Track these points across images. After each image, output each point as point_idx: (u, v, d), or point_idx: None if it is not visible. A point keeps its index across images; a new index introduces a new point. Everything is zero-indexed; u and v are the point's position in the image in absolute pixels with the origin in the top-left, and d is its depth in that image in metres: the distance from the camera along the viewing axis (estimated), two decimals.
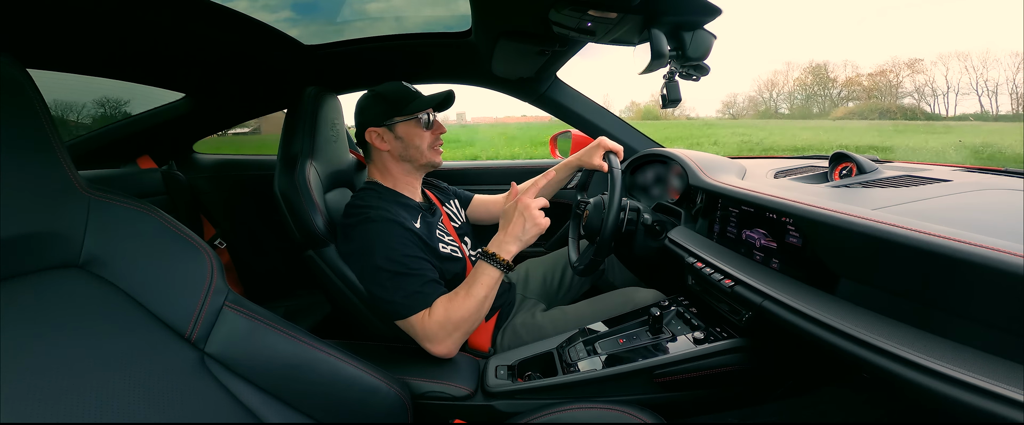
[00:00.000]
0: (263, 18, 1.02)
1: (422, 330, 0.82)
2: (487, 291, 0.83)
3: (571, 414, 0.71)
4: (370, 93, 1.00)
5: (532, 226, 0.83)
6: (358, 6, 1.15)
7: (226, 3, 0.91)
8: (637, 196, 1.41)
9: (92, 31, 0.91)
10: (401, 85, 0.99)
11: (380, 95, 0.98)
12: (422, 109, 0.97)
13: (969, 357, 0.45)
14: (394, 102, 0.96)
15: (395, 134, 0.97)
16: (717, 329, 0.85)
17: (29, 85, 0.48)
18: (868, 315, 0.56)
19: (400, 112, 0.96)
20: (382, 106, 0.97)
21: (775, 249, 0.75)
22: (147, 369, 0.50)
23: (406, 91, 0.98)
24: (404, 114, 0.96)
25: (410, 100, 0.97)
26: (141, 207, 0.57)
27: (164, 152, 1.67)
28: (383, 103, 0.97)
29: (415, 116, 0.97)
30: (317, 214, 0.93)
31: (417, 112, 0.96)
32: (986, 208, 0.61)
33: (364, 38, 1.25)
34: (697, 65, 0.89)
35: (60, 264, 0.50)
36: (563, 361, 0.88)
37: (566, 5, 0.77)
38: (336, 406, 0.65)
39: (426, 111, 0.98)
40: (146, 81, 1.29)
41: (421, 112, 0.97)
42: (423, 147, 0.99)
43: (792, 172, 1.06)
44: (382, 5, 1.15)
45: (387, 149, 0.98)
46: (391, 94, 0.97)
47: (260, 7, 1.00)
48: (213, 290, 0.58)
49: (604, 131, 1.54)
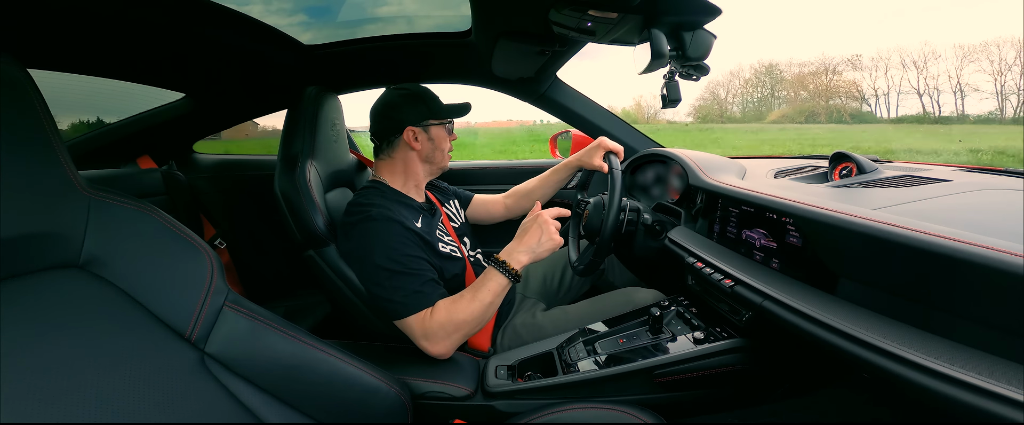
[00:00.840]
0: (263, 18, 1.02)
1: (421, 329, 0.82)
2: (492, 298, 0.83)
3: (571, 414, 0.71)
4: (404, 92, 1.00)
5: (547, 240, 0.86)
6: (358, 6, 1.15)
7: (226, 3, 0.91)
8: (637, 196, 1.41)
9: (92, 31, 0.91)
10: (425, 88, 1.02)
11: (418, 95, 0.99)
12: (458, 114, 1.03)
13: (969, 357, 0.45)
14: (430, 104, 0.99)
15: (428, 135, 1.00)
16: (717, 329, 0.85)
17: (29, 85, 0.48)
18: (868, 315, 0.56)
19: (436, 115, 0.99)
20: (421, 107, 0.98)
21: (775, 249, 0.75)
22: (147, 369, 0.50)
23: (434, 94, 1.02)
24: (440, 118, 1.00)
25: (440, 103, 1.01)
26: (141, 207, 0.57)
27: (164, 152, 1.67)
28: (421, 104, 0.98)
29: (449, 121, 1.02)
30: (317, 214, 0.93)
31: (452, 117, 1.02)
32: (986, 208, 0.61)
33: (364, 38, 1.25)
34: (697, 65, 0.89)
35: (60, 264, 0.50)
36: (563, 361, 0.88)
37: (566, 5, 0.77)
38: (336, 406, 0.65)
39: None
40: (146, 81, 1.28)
41: (451, 118, 1.03)
42: (445, 151, 1.03)
43: (792, 172, 1.06)
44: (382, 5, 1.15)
45: (419, 148, 0.99)
46: (426, 96, 1.00)
47: (260, 7, 1.00)
48: (213, 290, 0.58)
49: (604, 131, 1.54)
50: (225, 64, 1.24)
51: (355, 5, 1.15)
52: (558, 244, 0.87)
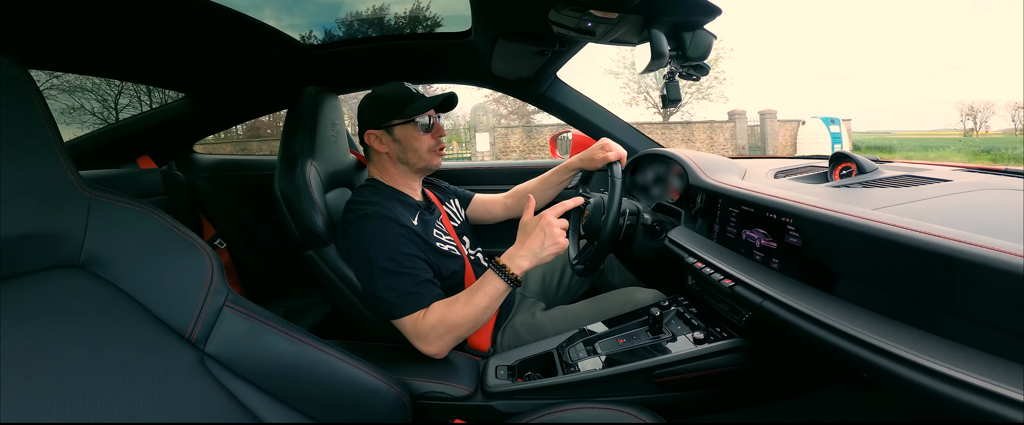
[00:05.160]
0: (263, 18, 1.02)
1: (414, 329, 0.81)
2: (489, 302, 0.82)
3: (571, 414, 0.71)
4: (370, 95, 0.99)
5: (551, 244, 0.81)
6: (358, 6, 1.16)
7: (226, 3, 0.91)
8: (637, 196, 1.41)
9: (92, 31, 0.91)
10: (402, 86, 0.98)
11: (379, 97, 0.97)
12: (419, 112, 0.95)
13: (969, 357, 0.45)
14: (392, 104, 0.95)
15: (393, 137, 0.96)
16: (717, 329, 0.85)
17: (29, 85, 0.48)
18: (868, 315, 0.56)
19: (398, 115, 0.95)
20: (380, 108, 0.96)
21: (775, 249, 0.75)
22: (147, 369, 0.50)
23: (406, 93, 0.96)
24: (401, 117, 0.95)
25: (409, 102, 0.95)
26: (141, 207, 0.57)
27: (164, 152, 1.67)
28: (381, 105, 0.96)
29: (412, 119, 0.95)
30: (317, 214, 0.93)
31: (414, 115, 0.95)
32: (986, 208, 0.61)
33: (364, 38, 1.25)
34: (697, 65, 0.89)
35: (60, 264, 0.50)
36: (563, 361, 0.88)
37: (566, 5, 0.77)
38: (336, 406, 0.65)
39: (426, 114, 0.96)
40: (146, 81, 1.29)
41: (419, 115, 0.95)
42: (421, 150, 0.97)
43: (792, 172, 1.06)
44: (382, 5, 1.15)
45: (385, 151, 0.98)
46: (389, 96, 0.96)
47: (261, 7, 1.00)
48: (213, 290, 0.58)
49: (604, 131, 1.54)
50: (225, 64, 1.24)
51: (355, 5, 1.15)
52: (563, 248, 0.82)
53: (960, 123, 24.66)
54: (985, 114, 24.18)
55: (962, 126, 24.52)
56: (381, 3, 1.23)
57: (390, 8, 1.24)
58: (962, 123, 24.64)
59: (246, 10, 0.97)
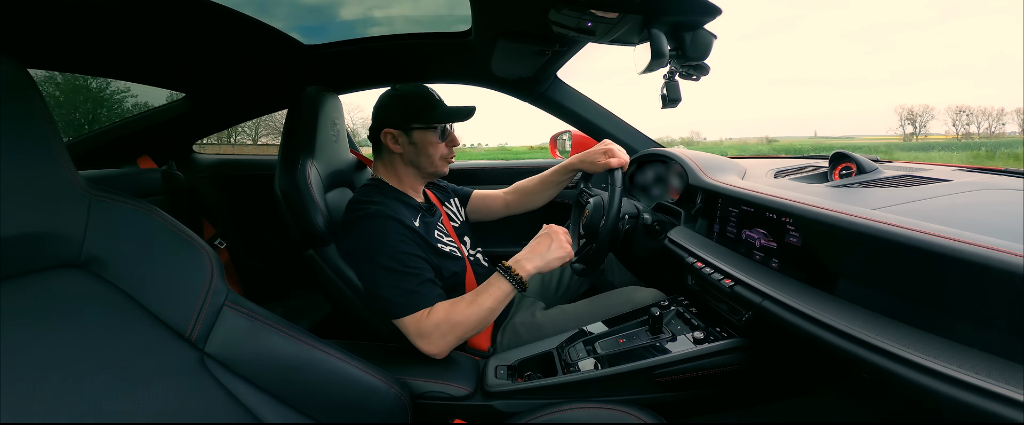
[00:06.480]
0: (264, 18, 1.02)
1: (417, 328, 0.82)
2: (494, 303, 0.83)
3: (571, 414, 0.71)
4: (393, 92, 0.98)
5: (557, 248, 0.86)
6: (359, 6, 1.15)
7: (226, 3, 0.91)
8: (637, 196, 1.41)
9: (92, 31, 0.91)
10: (423, 88, 0.97)
11: (403, 97, 0.96)
12: (444, 121, 0.96)
13: (969, 357, 0.45)
14: (416, 108, 0.95)
15: (410, 139, 0.96)
16: (717, 329, 0.85)
17: (29, 85, 0.48)
18: (868, 315, 0.56)
19: (420, 119, 0.95)
20: (402, 109, 0.96)
21: (775, 249, 0.75)
22: (147, 369, 0.50)
23: (429, 97, 0.96)
24: (424, 122, 0.95)
25: (432, 108, 0.95)
26: (141, 207, 0.57)
27: (164, 152, 1.67)
28: (404, 106, 0.96)
29: (434, 126, 0.96)
30: (317, 213, 0.93)
31: (439, 123, 0.96)
32: (986, 208, 0.61)
33: (364, 38, 1.25)
34: (697, 65, 0.89)
35: (60, 264, 0.50)
36: (563, 361, 0.88)
37: (566, 5, 0.77)
38: (335, 406, 0.65)
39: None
40: (146, 81, 1.29)
41: (440, 123, 0.96)
42: (435, 157, 0.98)
43: (792, 172, 1.06)
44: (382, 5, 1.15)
45: (399, 152, 0.97)
46: (414, 98, 0.96)
47: (261, 7, 1.00)
48: (213, 290, 0.58)
49: (604, 131, 1.54)
50: (225, 64, 1.24)
51: (355, 5, 1.15)
52: (568, 255, 0.87)
53: (900, 128, 24.92)
54: (924, 118, 24.59)
55: (902, 131, 24.75)
56: (381, 3, 1.23)
57: (390, 8, 1.23)
58: (902, 128, 24.94)
59: (246, 10, 0.97)
